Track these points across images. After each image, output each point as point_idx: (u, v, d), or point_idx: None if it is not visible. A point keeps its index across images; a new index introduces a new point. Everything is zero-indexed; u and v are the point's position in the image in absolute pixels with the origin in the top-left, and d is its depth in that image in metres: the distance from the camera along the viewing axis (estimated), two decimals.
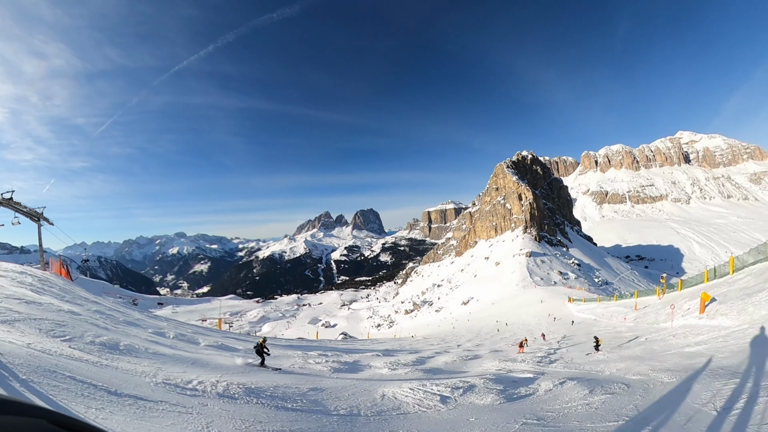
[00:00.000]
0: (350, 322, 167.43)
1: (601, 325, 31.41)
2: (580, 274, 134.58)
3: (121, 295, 73.54)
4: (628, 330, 24.99)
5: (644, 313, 27.41)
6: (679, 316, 20.74)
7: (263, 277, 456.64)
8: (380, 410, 8.64)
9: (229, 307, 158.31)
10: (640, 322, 25.98)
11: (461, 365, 17.48)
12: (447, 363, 17.86)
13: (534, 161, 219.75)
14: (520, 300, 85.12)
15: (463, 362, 18.30)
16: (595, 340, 20.99)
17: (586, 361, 16.97)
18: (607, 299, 49.61)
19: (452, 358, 19.41)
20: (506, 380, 12.20)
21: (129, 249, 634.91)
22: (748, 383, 8.32)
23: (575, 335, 29.33)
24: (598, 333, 26.67)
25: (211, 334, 22.14)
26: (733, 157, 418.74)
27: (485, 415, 8.33)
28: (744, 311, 15.50)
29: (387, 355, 20.84)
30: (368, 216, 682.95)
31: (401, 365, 15.97)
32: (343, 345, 28.73)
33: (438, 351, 23.99)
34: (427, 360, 18.59)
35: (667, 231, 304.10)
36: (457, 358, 19.17)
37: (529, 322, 52.35)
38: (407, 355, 21.02)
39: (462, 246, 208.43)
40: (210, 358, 13.55)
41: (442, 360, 18.68)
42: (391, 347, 27.93)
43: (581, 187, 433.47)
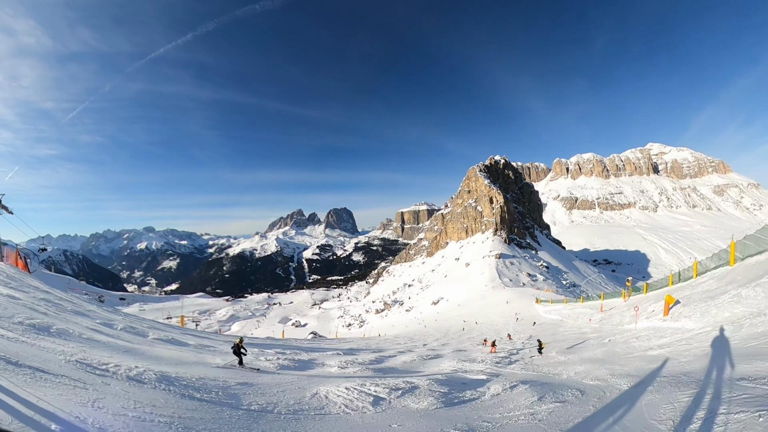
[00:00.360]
0: (321, 321, 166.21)
1: (567, 326, 31.44)
2: (549, 276, 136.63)
3: (88, 292, 71.21)
4: (593, 331, 24.98)
5: (609, 315, 27.53)
6: (643, 318, 20.74)
7: (233, 275, 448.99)
8: (299, 409, 8.21)
9: (197, 305, 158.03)
10: (605, 324, 26.04)
11: (419, 365, 17.09)
12: (405, 362, 17.48)
13: (506, 166, 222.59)
14: (489, 300, 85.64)
15: (423, 362, 17.94)
16: (539, 343, 20.87)
17: (546, 362, 16.67)
18: (574, 301, 50.20)
19: (412, 357, 19.02)
20: (455, 382, 11.75)
21: (96, 243, 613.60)
22: (708, 393, 7.87)
23: (540, 335, 29.34)
24: (565, 333, 26.69)
25: (167, 330, 21.23)
26: (699, 169, 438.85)
27: (412, 421, 7.75)
28: (707, 313, 15.49)
29: (348, 353, 20.36)
30: (342, 215, 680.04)
31: (355, 364, 15.54)
32: (308, 344, 27.91)
33: (401, 350, 23.66)
34: (385, 359, 18.15)
35: (635, 237, 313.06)
36: (417, 358, 18.83)
37: (497, 322, 52.54)
38: (368, 354, 20.60)
39: (433, 247, 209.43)
40: (152, 350, 13.05)
41: (401, 359, 18.29)
42: (356, 346, 27.39)
43: (552, 192, 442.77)
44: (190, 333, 23.44)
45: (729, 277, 18.47)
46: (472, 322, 58.79)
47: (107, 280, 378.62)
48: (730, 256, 20.48)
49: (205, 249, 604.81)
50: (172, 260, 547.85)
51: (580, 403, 8.84)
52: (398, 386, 10.16)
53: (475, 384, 11.58)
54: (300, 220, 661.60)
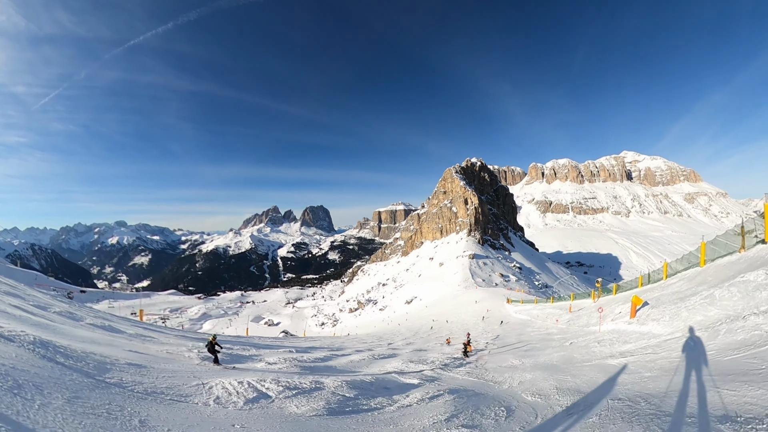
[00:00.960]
0: (294, 320, 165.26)
1: (535, 326, 30.44)
2: (521, 277, 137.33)
3: (56, 288, 70.36)
4: (558, 332, 23.89)
5: (577, 316, 26.57)
6: (608, 320, 19.63)
7: (206, 272, 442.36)
8: (160, 392, 7.58)
9: (169, 302, 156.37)
10: (572, 325, 25.04)
11: (363, 365, 15.96)
12: (351, 362, 16.46)
13: (482, 168, 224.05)
14: (461, 300, 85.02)
15: (370, 362, 16.82)
16: (464, 345, 20.00)
17: (498, 366, 15.42)
18: (545, 301, 49.65)
19: (363, 357, 17.98)
20: (378, 386, 10.53)
21: (66, 237, 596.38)
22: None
23: (508, 335, 28.23)
24: (531, 334, 25.62)
25: (113, 320, 20.66)
26: (671, 177, 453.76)
27: (267, 425, 6.71)
28: (677, 316, 14.21)
29: (301, 351, 19.19)
30: (318, 213, 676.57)
31: (293, 361, 14.55)
32: (267, 341, 26.31)
33: (360, 349, 22.59)
34: (334, 358, 17.18)
35: (607, 240, 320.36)
36: (367, 357, 17.81)
37: (468, 321, 51.69)
38: (321, 352, 19.51)
39: (408, 246, 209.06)
40: (71, 330, 12.40)
41: (350, 359, 17.32)
42: (317, 345, 26.27)
43: (527, 196, 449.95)
44: (139, 325, 22.40)
45: (700, 278, 17.54)
46: (443, 321, 57.97)
47: (77, 276, 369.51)
48: (701, 257, 19.69)
49: (177, 245, 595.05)
50: (143, 256, 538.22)
51: (494, 430, 7.16)
52: (300, 385, 9.28)
53: (399, 389, 10.37)
54: (275, 218, 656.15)
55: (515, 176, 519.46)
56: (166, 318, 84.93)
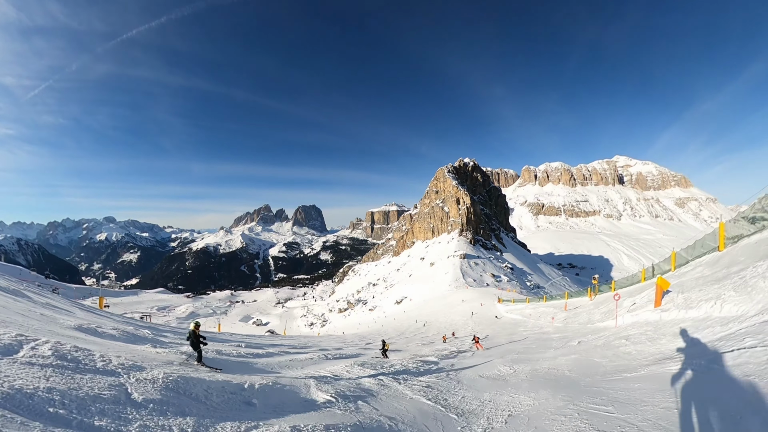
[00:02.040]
0: (283, 320, 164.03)
1: (527, 326, 27.96)
2: (513, 277, 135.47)
3: (40, 283, 66.96)
4: (556, 331, 21.42)
5: (575, 314, 24.17)
6: (623, 311, 17.19)
7: (196, 271, 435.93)
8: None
9: (157, 301, 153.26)
10: (570, 323, 22.61)
11: (301, 365, 14.08)
12: (292, 361, 14.83)
13: (475, 168, 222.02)
14: (451, 300, 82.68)
15: (317, 361, 15.36)
16: (382, 343, 18.84)
17: (474, 377, 12.45)
18: (537, 300, 47.50)
19: (313, 356, 16.34)
20: (261, 395, 8.00)
21: (54, 232, 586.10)
22: None
23: (498, 335, 25.80)
24: (524, 333, 23.18)
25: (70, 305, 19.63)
26: (662, 182, 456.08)
27: None
28: (752, 289, 10.22)
29: (253, 347, 17.31)
30: (310, 212, 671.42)
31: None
32: (225, 337, 23.71)
33: (325, 348, 20.61)
34: (286, 355, 15.82)
35: (599, 243, 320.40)
36: (316, 357, 16.33)
37: (457, 320, 49.30)
38: (277, 348, 17.86)
39: (400, 246, 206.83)
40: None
41: (293, 357, 15.83)
42: (288, 342, 24.31)
43: (519, 198, 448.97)
44: (95, 312, 20.98)
45: (726, 260, 14.97)
46: (432, 321, 55.71)
47: (64, 273, 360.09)
48: (720, 241, 17.47)
49: (167, 242, 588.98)
50: (132, 253, 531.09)
51: None
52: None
53: (282, 408, 7.74)
54: (267, 216, 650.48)
55: (508, 178, 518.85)
56: (148, 315, 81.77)
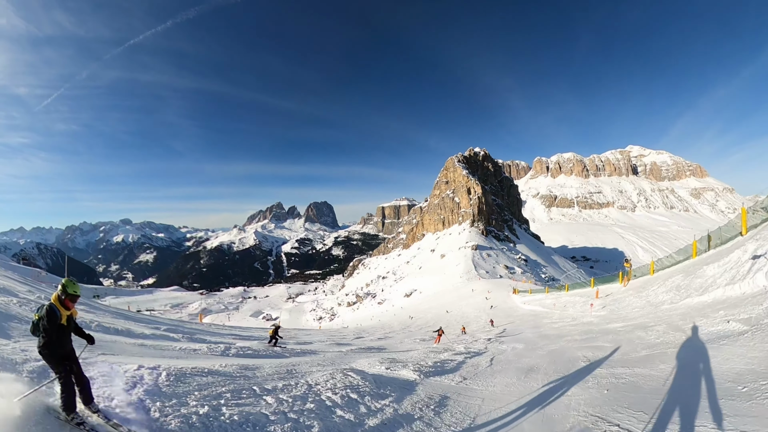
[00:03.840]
0: (293, 314, 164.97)
1: (553, 317, 23.92)
2: (527, 269, 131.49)
3: (57, 284, 65.96)
4: (604, 321, 16.57)
5: (614, 300, 20.34)
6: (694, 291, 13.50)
7: (211, 269, 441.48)
8: None
9: (171, 298, 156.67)
10: (619, 310, 18.13)
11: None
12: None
13: (486, 158, 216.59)
14: (462, 292, 79.22)
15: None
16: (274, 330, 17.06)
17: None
18: (557, 290, 43.73)
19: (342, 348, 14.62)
20: None
21: (72, 236, 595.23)
22: None
23: (518, 329, 21.99)
24: (554, 327, 19.10)
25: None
26: (677, 172, 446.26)
27: None
28: None
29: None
30: (322, 209, 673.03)
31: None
32: (202, 328, 20.68)
33: (302, 342, 18.64)
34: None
35: (613, 235, 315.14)
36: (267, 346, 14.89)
37: (469, 313, 45.73)
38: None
39: (410, 239, 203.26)
40: None
41: None
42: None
43: (532, 190, 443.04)
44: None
45: None
46: (441, 314, 52.27)
47: (83, 274, 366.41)
48: (743, 224, 16.84)
49: (182, 242, 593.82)
50: (148, 253, 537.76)
51: None
52: None
53: None
54: (279, 214, 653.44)
55: (520, 170, 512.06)
56: (151, 309, 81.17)
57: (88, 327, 11.63)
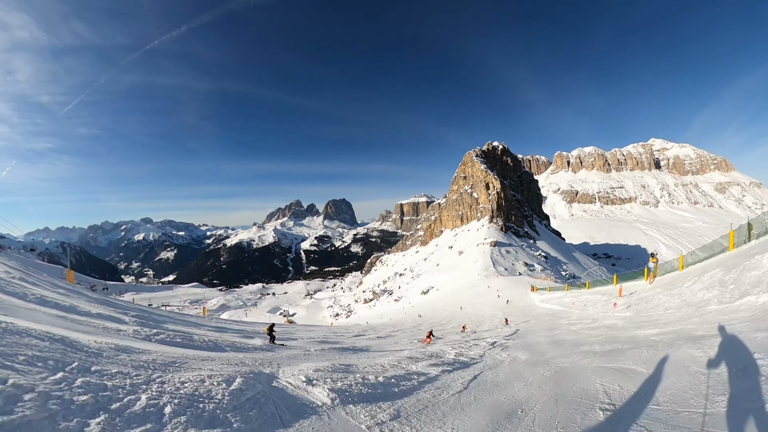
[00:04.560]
0: (310, 311, 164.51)
1: (572, 318, 21.89)
2: (547, 266, 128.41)
3: (80, 281, 69.35)
4: (629, 324, 13.85)
5: (640, 299, 18.36)
6: None
7: (230, 266, 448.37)
8: None
9: (190, 294, 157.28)
10: (645, 310, 16.15)
11: None
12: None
13: (504, 152, 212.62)
14: (480, 289, 77.13)
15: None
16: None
17: None
18: (577, 287, 41.54)
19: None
20: None
21: (94, 235, 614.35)
22: None
23: (531, 331, 20.09)
24: (572, 329, 17.00)
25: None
26: (701, 166, 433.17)
27: None
28: None
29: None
30: (340, 206, 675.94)
31: None
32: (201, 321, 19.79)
33: (285, 338, 17.36)
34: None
35: (635, 232, 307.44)
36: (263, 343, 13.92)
37: (484, 312, 43.67)
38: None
39: (427, 235, 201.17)
40: None
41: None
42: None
43: (552, 185, 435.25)
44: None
45: None
46: (456, 312, 50.50)
47: (105, 272, 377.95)
48: None
49: (202, 240, 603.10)
50: (169, 251, 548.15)
51: None
52: None
53: None
54: (298, 211, 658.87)
55: (540, 165, 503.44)
56: (167, 305, 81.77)
57: None
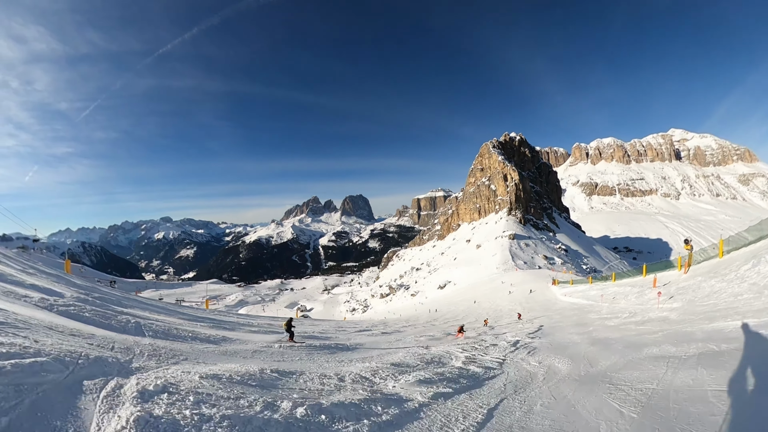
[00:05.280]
0: (327, 306, 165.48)
1: (603, 312, 19.91)
2: (568, 259, 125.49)
3: (99, 279, 71.34)
4: (684, 318, 11.30)
5: (684, 288, 16.38)
6: None
7: (249, 262, 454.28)
8: None
9: (209, 291, 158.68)
10: (702, 300, 13.42)
11: None
12: None
13: (522, 143, 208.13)
14: (498, 284, 75.28)
15: None
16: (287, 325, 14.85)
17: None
18: (602, 280, 39.54)
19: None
20: None
21: (114, 234, 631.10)
22: None
23: (558, 327, 18.51)
24: (608, 325, 15.22)
25: None
26: (723, 157, 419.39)
27: None
28: None
29: None
30: (357, 202, 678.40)
31: None
32: None
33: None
34: None
35: (656, 224, 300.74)
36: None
37: (502, 306, 42.05)
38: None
39: (445, 229, 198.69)
40: None
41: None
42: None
43: (571, 178, 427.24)
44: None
45: None
46: (471, 307, 49.02)
47: (125, 270, 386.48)
48: None
49: (221, 237, 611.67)
50: (189, 249, 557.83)
51: None
52: None
53: None
54: (316, 208, 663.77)
55: (558, 157, 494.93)
56: (181, 299, 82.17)
57: None
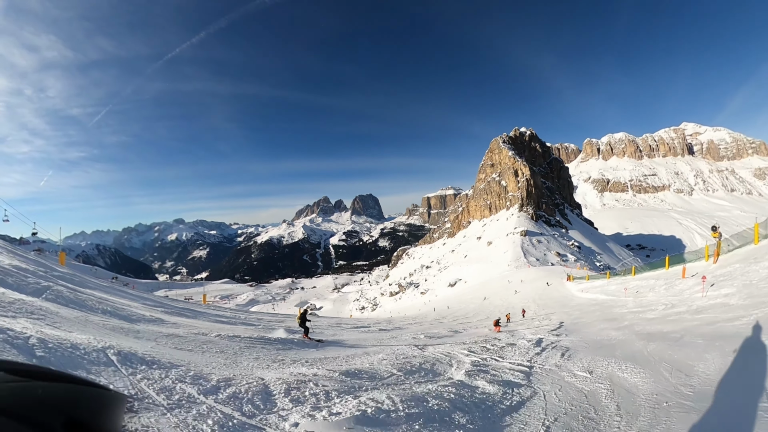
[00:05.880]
0: (337, 304, 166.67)
1: (629, 305, 18.29)
2: (581, 256, 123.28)
3: (111, 278, 73.51)
4: (750, 309, 9.50)
5: (721, 275, 14.61)
6: None
7: (261, 262, 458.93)
8: None
9: (221, 290, 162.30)
10: (756, 279, 12.18)
11: None
12: None
13: (532, 138, 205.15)
14: (509, 281, 73.57)
15: None
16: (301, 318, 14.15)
17: None
18: (620, 275, 37.78)
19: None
20: None
21: (128, 237, 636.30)
22: None
23: (582, 323, 17.04)
24: (645, 315, 13.73)
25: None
26: (737, 151, 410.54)
27: None
28: None
29: None
30: (367, 201, 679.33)
31: None
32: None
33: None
34: None
35: (669, 221, 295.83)
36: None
37: (516, 303, 40.56)
38: None
39: (455, 227, 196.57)
40: None
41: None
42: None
43: (582, 174, 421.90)
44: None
45: None
46: (482, 304, 47.64)
47: (139, 271, 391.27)
48: None
49: (234, 238, 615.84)
50: (202, 249, 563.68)
51: None
52: None
53: None
54: (326, 208, 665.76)
55: (569, 153, 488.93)
56: (188, 299, 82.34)
57: None
